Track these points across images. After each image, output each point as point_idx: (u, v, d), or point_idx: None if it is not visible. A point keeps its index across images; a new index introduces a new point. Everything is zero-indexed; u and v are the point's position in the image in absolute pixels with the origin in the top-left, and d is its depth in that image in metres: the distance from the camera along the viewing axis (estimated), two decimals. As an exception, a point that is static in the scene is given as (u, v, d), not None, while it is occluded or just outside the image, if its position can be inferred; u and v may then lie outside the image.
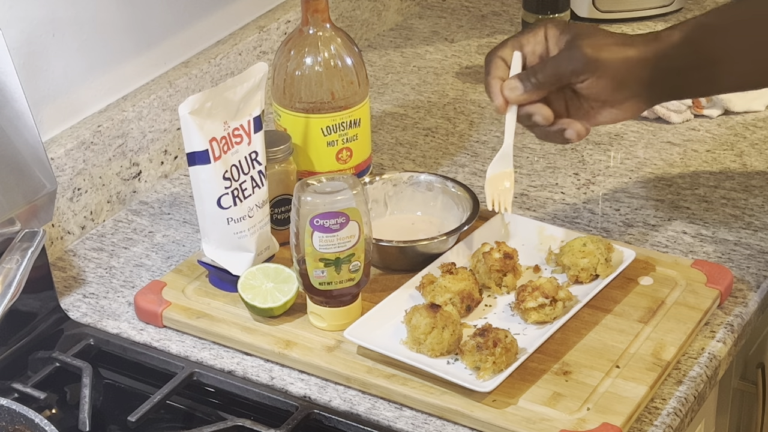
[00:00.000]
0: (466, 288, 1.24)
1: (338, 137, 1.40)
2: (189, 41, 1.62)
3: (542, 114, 1.25)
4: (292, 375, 1.22)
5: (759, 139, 1.61)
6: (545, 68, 1.24)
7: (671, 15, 1.96)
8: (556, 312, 1.22)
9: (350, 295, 1.24)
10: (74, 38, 1.44)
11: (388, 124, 1.69)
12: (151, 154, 1.54)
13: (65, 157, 1.41)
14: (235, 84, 1.28)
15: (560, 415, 1.13)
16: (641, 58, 1.23)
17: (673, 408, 1.17)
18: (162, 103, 1.54)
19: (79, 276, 1.39)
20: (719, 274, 1.30)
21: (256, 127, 1.30)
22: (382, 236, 1.32)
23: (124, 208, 1.52)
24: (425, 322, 1.18)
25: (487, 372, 1.15)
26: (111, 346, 1.28)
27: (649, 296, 1.28)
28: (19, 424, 1.06)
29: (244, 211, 1.28)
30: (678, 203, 1.48)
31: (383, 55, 1.89)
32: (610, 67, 1.22)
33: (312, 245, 1.20)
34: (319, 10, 1.37)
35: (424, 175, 1.41)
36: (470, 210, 1.35)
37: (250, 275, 1.27)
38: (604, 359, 1.20)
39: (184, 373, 1.22)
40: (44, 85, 1.41)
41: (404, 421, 1.16)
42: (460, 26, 1.97)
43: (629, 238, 1.41)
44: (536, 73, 1.24)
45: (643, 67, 1.23)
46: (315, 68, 1.38)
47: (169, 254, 1.42)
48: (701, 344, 1.25)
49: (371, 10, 1.92)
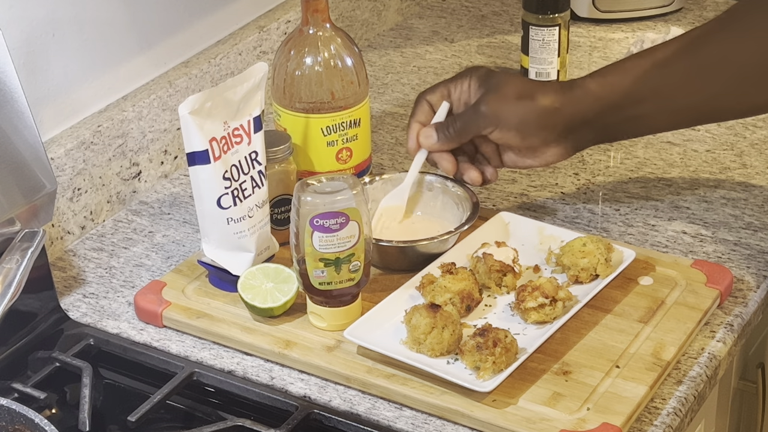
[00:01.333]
0: (466, 288, 1.24)
1: (338, 137, 1.40)
2: (189, 41, 1.62)
3: (444, 167, 1.37)
4: (292, 375, 1.22)
5: (759, 139, 1.61)
6: (455, 123, 1.35)
7: (671, 15, 1.96)
8: (556, 312, 1.22)
9: (350, 295, 1.24)
10: (74, 38, 1.44)
11: (388, 124, 1.69)
12: (151, 154, 1.54)
13: (65, 157, 1.41)
14: (235, 84, 1.28)
15: (560, 415, 1.13)
16: (548, 108, 1.31)
17: (673, 408, 1.17)
18: (162, 103, 1.54)
19: (79, 276, 1.39)
20: (719, 274, 1.30)
21: (256, 127, 1.30)
22: (382, 236, 1.32)
23: (124, 208, 1.52)
24: (425, 322, 1.18)
25: (487, 372, 1.15)
26: (111, 346, 1.28)
27: (649, 296, 1.28)
28: (19, 424, 1.06)
29: (244, 211, 1.28)
30: (678, 203, 1.48)
31: (383, 55, 1.89)
32: (512, 119, 1.31)
33: (312, 245, 1.20)
34: (319, 10, 1.37)
35: (424, 175, 1.41)
36: (470, 210, 1.35)
37: (250, 275, 1.27)
38: (604, 359, 1.20)
39: (184, 373, 1.22)
40: (44, 85, 1.41)
41: (404, 421, 1.16)
42: (460, 26, 1.97)
43: (629, 238, 1.41)
44: (449, 126, 1.35)
45: (551, 115, 1.31)
46: (315, 68, 1.38)
47: (169, 254, 1.42)
48: (701, 344, 1.25)
49: (371, 10, 1.92)
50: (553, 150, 1.33)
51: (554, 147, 1.33)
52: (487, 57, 1.87)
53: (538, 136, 1.31)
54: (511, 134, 1.31)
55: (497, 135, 1.32)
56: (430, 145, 1.35)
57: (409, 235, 1.34)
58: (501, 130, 1.31)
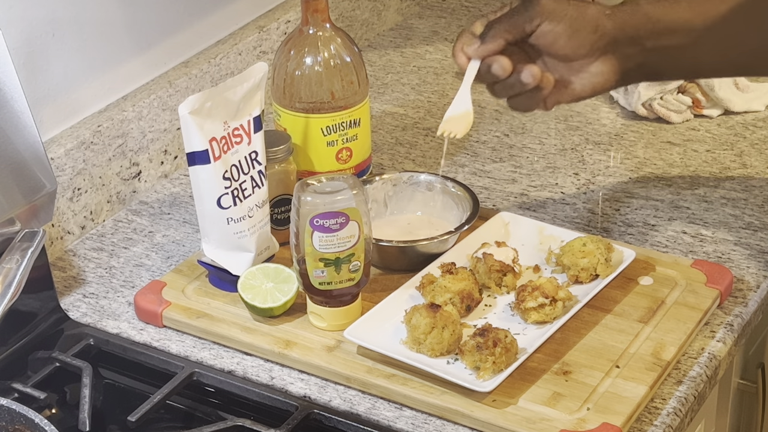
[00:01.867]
0: (466, 288, 1.24)
1: (338, 137, 1.40)
2: (189, 41, 1.62)
3: (500, 63, 1.23)
4: (292, 375, 1.22)
5: (759, 139, 1.61)
6: (501, 18, 1.24)
7: (671, 15, 1.96)
8: (556, 312, 1.22)
9: (350, 295, 1.24)
10: (74, 38, 1.44)
11: (388, 124, 1.69)
12: (151, 154, 1.54)
13: (65, 157, 1.41)
14: (235, 84, 1.28)
15: (560, 415, 1.13)
16: (599, 10, 1.23)
17: (673, 408, 1.17)
18: (162, 103, 1.54)
19: (79, 276, 1.39)
20: (719, 274, 1.30)
21: (256, 127, 1.30)
22: (382, 236, 1.32)
23: (124, 208, 1.52)
24: (425, 322, 1.18)
25: (487, 372, 1.15)
26: (111, 346, 1.28)
27: (649, 296, 1.28)
28: (19, 424, 1.06)
29: (244, 211, 1.28)
30: (678, 203, 1.48)
31: (383, 55, 1.89)
32: (563, 11, 1.22)
33: (312, 245, 1.20)
34: (319, 10, 1.37)
35: (424, 175, 1.41)
36: (470, 210, 1.35)
37: (250, 275, 1.27)
38: (604, 359, 1.20)
39: (184, 373, 1.22)
40: (44, 85, 1.41)
41: (404, 421, 1.16)
42: (460, 26, 1.97)
43: (629, 238, 1.41)
44: (493, 24, 1.24)
45: (601, 18, 1.23)
46: (315, 68, 1.38)
47: (169, 254, 1.42)
48: (701, 344, 1.25)
49: (371, 10, 1.92)
50: (598, 66, 1.25)
51: (600, 62, 1.25)
52: (487, 57, 1.86)
53: (586, 37, 1.23)
54: (560, 29, 1.23)
55: (545, 28, 1.23)
56: (475, 49, 1.24)
57: (409, 235, 1.34)
58: (550, 23, 1.22)
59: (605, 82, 1.26)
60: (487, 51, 1.24)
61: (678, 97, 1.65)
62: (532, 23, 1.23)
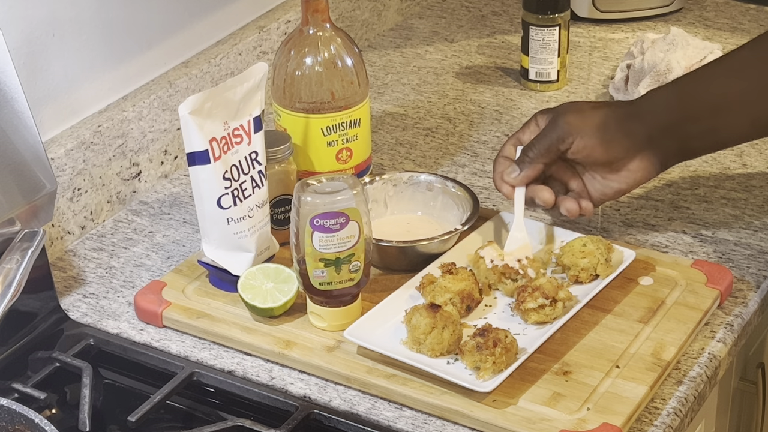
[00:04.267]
0: (466, 288, 1.24)
1: (338, 137, 1.40)
2: (189, 41, 1.62)
3: (541, 198, 1.31)
4: (292, 375, 1.22)
5: (759, 139, 1.61)
6: (534, 143, 1.30)
7: (671, 15, 1.96)
8: (556, 312, 1.22)
9: (350, 295, 1.24)
10: (74, 38, 1.44)
11: (388, 124, 1.69)
12: (151, 154, 1.54)
13: (65, 157, 1.41)
14: (235, 84, 1.28)
15: (560, 415, 1.13)
16: (627, 112, 1.28)
17: (673, 408, 1.17)
18: (162, 103, 1.54)
19: (79, 276, 1.39)
20: (719, 274, 1.30)
21: (256, 127, 1.30)
22: (382, 236, 1.32)
23: (124, 208, 1.52)
24: (425, 322, 1.18)
25: (487, 372, 1.15)
26: (111, 346, 1.28)
27: (649, 296, 1.28)
28: (19, 424, 1.06)
29: (244, 211, 1.28)
30: (678, 203, 1.48)
31: (383, 55, 1.89)
32: (591, 125, 1.27)
33: (312, 245, 1.20)
34: (319, 10, 1.37)
35: (424, 175, 1.41)
36: (470, 210, 1.35)
37: (250, 275, 1.27)
38: (604, 359, 1.20)
39: (184, 373, 1.22)
40: (44, 85, 1.41)
41: (404, 421, 1.16)
42: (460, 26, 1.97)
43: (629, 238, 1.41)
44: (528, 150, 1.30)
45: (630, 120, 1.27)
46: (315, 68, 1.38)
47: (169, 254, 1.42)
48: (701, 344, 1.25)
49: (371, 10, 1.92)
50: (637, 164, 1.28)
51: (638, 160, 1.28)
52: (487, 57, 1.87)
53: (620, 143, 1.27)
54: (593, 142, 1.27)
55: (579, 145, 1.27)
56: (516, 177, 1.30)
57: (409, 235, 1.34)
58: (582, 138, 1.27)
59: (647, 175, 1.30)
60: (528, 179, 1.31)
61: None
62: (565, 143, 1.28)
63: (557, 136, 1.28)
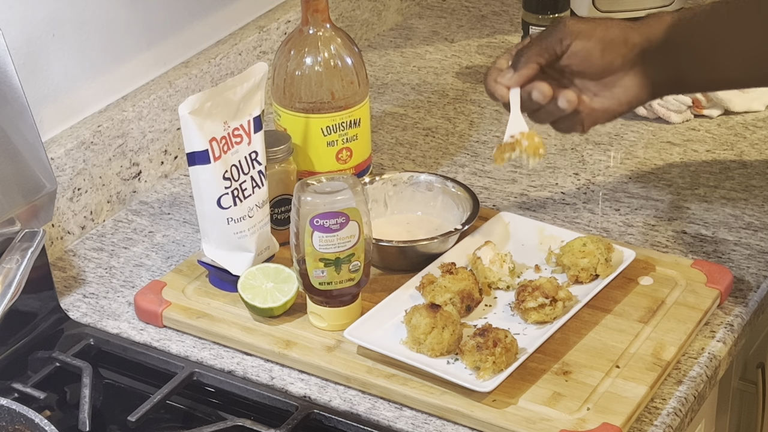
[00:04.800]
0: (466, 288, 1.24)
1: (338, 137, 1.40)
2: (189, 41, 1.62)
3: (539, 89, 1.24)
4: (292, 375, 1.22)
5: (759, 139, 1.61)
6: (530, 44, 1.26)
7: (671, 15, 1.96)
8: (556, 312, 1.22)
9: (350, 295, 1.24)
10: (74, 38, 1.44)
11: (388, 124, 1.69)
12: (151, 154, 1.54)
13: (65, 157, 1.41)
14: (235, 84, 1.28)
15: (560, 415, 1.13)
16: (626, 25, 1.25)
17: (673, 408, 1.17)
18: (162, 103, 1.54)
19: (79, 276, 1.39)
20: (719, 274, 1.30)
21: (256, 127, 1.30)
22: (382, 236, 1.32)
23: (124, 208, 1.52)
24: (425, 322, 1.18)
25: (487, 372, 1.15)
26: (111, 346, 1.28)
27: (649, 296, 1.28)
28: (19, 424, 1.06)
29: (244, 211, 1.28)
30: (678, 203, 1.48)
31: (383, 55, 1.89)
32: (591, 29, 1.24)
33: (312, 245, 1.20)
34: (319, 10, 1.37)
35: (424, 175, 1.41)
36: (470, 210, 1.35)
37: (250, 275, 1.27)
38: (604, 359, 1.20)
39: (184, 373, 1.22)
40: (44, 85, 1.41)
41: (404, 421, 1.16)
42: (460, 26, 1.97)
43: (629, 238, 1.41)
44: (523, 51, 1.25)
45: (629, 31, 1.24)
46: (315, 68, 1.38)
47: (169, 254, 1.42)
48: (701, 344, 1.25)
49: (371, 10, 1.92)
50: (630, 80, 1.25)
51: (632, 75, 1.25)
52: (487, 57, 1.87)
53: (617, 50, 1.24)
54: (591, 44, 1.24)
55: (576, 46, 1.24)
56: (510, 77, 1.25)
57: (409, 235, 1.34)
58: (580, 40, 1.24)
59: (638, 95, 1.27)
60: (524, 77, 1.25)
61: (678, 97, 1.65)
62: (562, 44, 1.25)
63: (555, 36, 1.25)
